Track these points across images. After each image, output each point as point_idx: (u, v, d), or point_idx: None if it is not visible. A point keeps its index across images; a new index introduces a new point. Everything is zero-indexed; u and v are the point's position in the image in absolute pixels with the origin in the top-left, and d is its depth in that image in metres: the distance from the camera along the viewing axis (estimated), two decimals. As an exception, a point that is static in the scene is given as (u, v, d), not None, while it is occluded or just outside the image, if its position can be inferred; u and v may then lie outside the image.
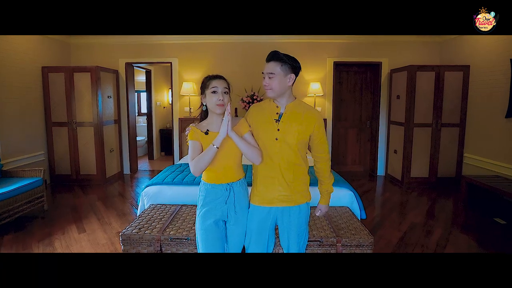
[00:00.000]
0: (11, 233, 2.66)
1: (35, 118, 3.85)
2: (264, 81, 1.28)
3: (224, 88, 1.28)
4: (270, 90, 1.27)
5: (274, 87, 1.26)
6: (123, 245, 1.78)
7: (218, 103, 1.26)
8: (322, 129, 1.36)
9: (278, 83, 1.26)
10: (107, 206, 3.35)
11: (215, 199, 1.31)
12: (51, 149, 4.04)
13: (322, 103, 4.45)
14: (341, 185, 2.33)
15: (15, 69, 3.52)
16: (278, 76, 1.26)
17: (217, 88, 1.26)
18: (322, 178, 1.42)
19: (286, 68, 1.27)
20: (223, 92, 1.27)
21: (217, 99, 1.26)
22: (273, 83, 1.25)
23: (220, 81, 1.29)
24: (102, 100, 4.01)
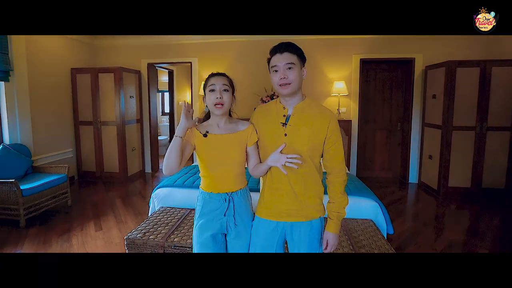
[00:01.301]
0: (36, 227, 2.79)
1: (64, 117, 4.06)
2: (280, 74, 1.07)
3: (223, 85, 1.13)
4: (288, 86, 1.07)
5: (294, 80, 1.07)
6: (127, 249, 1.73)
7: (216, 102, 1.12)
8: (337, 133, 1.15)
9: (297, 75, 1.09)
10: (125, 204, 3.40)
11: (213, 210, 1.17)
12: (78, 147, 4.23)
13: (347, 103, 4.15)
14: (364, 195, 2.08)
15: (47, 71, 3.72)
16: (297, 67, 1.09)
17: (215, 86, 1.13)
18: (332, 195, 1.19)
19: (301, 61, 1.11)
20: (222, 90, 1.13)
21: (215, 97, 1.12)
22: (292, 75, 1.07)
23: (219, 78, 1.15)
24: (124, 100, 4.11)
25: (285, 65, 1.08)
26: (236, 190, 1.19)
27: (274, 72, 1.11)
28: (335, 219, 1.17)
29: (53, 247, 2.40)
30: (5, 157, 2.95)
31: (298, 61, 1.10)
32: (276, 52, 1.11)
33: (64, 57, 4.00)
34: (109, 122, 4.10)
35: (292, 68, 1.08)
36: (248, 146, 1.20)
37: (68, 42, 4.08)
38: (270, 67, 1.13)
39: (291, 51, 1.09)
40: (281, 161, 1.05)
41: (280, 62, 1.08)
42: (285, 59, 1.08)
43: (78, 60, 4.23)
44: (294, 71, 1.08)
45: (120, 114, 4.06)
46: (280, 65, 1.08)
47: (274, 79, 1.11)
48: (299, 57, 1.11)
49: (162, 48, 4.45)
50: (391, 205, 3.39)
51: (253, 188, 2.08)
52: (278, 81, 1.09)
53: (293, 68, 1.08)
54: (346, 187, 2.15)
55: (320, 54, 4.10)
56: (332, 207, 1.18)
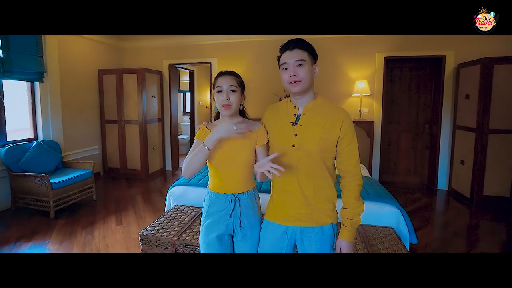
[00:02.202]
0: (64, 218, 2.96)
1: (92, 116, 4.29)
2: (289, 72, 1.03)
3: (231, 86, 1.10)
4: (298, 83, 1.03)
5: (304, 78, 1.03)
6: (142, 245, 1.77)
7: (223, 103, 1.10)
8: (351, 134, 1.08)
9: (308, 72, 1.04)
10: (145, 201, 3.51)
11: (219, 211, 1.15)
12: (104, 144, 4.45)
13: (370, 104, 3.96)
14: (385, 201, 1.95)
15: (76, 72, 3.96)
16: (308, 64, 1.04)
17: (221, 87, 1.10)
18: (346, 200, 1.11)
19: (312, 58, 1.06)
20: (229, 90, 1.10)
21: (222, 98, 1.09)
22: (302, 72, 1.02)
23: (226, 77, 1.12)
24: (146, 100, 4.26)
25: (295, 62, 1.03)
26: (243, 191, 1.17)
27: (284, 69, 1.06)
28: (349, 226, 1.10)
29: (77, 239, 2.53)
30: (38, 153, 3.17)
31: (309, 58, 1.05)
32: (286, 49, 1.06)
33: (92, 59, 4.23)
34: (132, 121, 4.27)
35: (302, 65, 1.03)
36: (257, 147, 1.16)
37: (96, 44, 4.30)
38: (280, 65, 1.09)
39: (302, 48, 1.04)
40: (265, 167, 0.99)
41: (290, 59, 1.04)
42: (295, 56, 1.03)
43: (104, 61, 4.46)
44: (305, 68, 1.03)
45: (142, 113, 4.21)
46: (290, 62, 1.04)
47: (284, 77, 1.07)
48: (310, 54, 1.06)
49: (182, 49, 4.55)
50: (416, 212, 3.17)
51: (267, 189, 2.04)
52: (288, 78, 1.05)
53: (303, 65, 1.03)
54: (365, 191, 2.07)
55: (341, 53, 3.96)
56: (346, 213, 1.11)
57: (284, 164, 1.10)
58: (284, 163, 1.09)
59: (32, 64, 3.25)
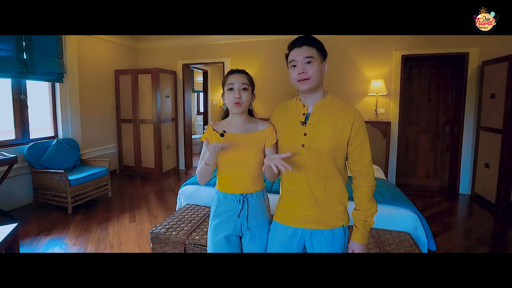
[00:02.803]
0: (81, 214, 3.06)
1: (108, 115, 4.42)
2: (298, 69, 1.00)
3: (243, 84, 1.09)
4: (306, 81, 1.00)
5: (313, 75, 1.00)
6: (152, 243, 1.78)
7: (234, 101, 1.08)
8: (363, 134, 1.03)
9: (317, 69, 1.01)
10: (158, 199, 3.56)
11: (227, 211, 1.14)
12: (120, 142, 4.57)
13: (386, 104, 3.82)
14: (401, 204, 1.86)
15: (94, 72, 4.09)
16: (317, 61, 1.01)
17: (233, 85, 1.09)
18: (358, 201, 1.07)
19: (321, 54, 1.03)
20: (241, 88, 1.09)
21: (233, 96, 1.08)
22: (311, 69, 0.99)
23: (238, 75, 1.11)
24: (160, 99, 4.33)
25: (303, 59, 1.00)
26: (252, 192, 1.14)
27: (292, 67, 1.04)
28: (361, 228, 1.05)
29: (92, 235, 2.60)
30: (58, 150, 3.29)
31: (318, 55, 1.02)
32: (294, 46, 1.03)
33: (109, 59, 4.35)
34: (147, 120, 4.35)
35: (311, 63, 1.00)
36: (266, 147, 1.14)
37: (113, 46, 4.43)
38: (288, 62, 1.06)
39: (310, 45, 1.01)
40: (274, 161, 0.97)
41: (298, 57, 1.01)
42: (304, 53, 1.00)
43: (121, 62, 4.58)
44: (314, 65, 1.00)
45: (157, 113, 4.28)
46: (298, 59, 1.01)
47: (292, 74, 1.04)
48: (319, 50, 1.03)
49: (196, 49, 4.59)
50: (436, 217, 3.02)
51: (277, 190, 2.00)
52: (296, 76, 1.02)
53: (312, 62, 1.00)
54: (380, 195, 1.98)
55: (356, 51, 3.84)
56: (358, 215, 1.06)
57: (293, 164, 1.07)
58: (293, 163, 1.06)
59: (53, 65, 3.38)
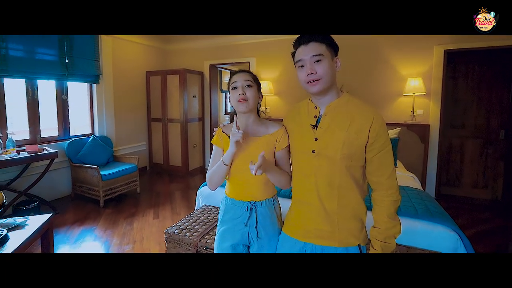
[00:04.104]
0: (111, 207, 3.24)
1: (140, 114, 4.65)
2: (306, 70, 0.89)
3: (246, 81, 1.03)
4: (317, 82, 0.89)
5: (324, 75, 0.88)
6: (167, 243, 1.79)
7: (238, 98, 1.02)
8: (384, 139, 0.89)
9: (329, 67, 0.89)
10: (182, 197, 3.64)
11: (234, 219, 1.07)
12: (150, 141, 4.79)
13: (425, 104, 3.44)
14: (438, 220, 1.62)
15: (127, 74, 4.32)
16: (327, 59, 0.89)
17: (237, 83, 1.04)
18: (378, 218, 0.93)
19: (331, 50, 0.91)
20: (245, 85, 1.03)
21: (237, 94, 1.02)
22: (321, 69, 0.88)
23: (240, 74, 1.05)
24: (188, 99, 4.44)
25: (311, 58, 0.89)
26: (261, 199, 1.07)
27: (300, 68, 0.93)
28: (379, 250, 0.91)
29: (118, 228, 2.72)
30: (94, 147, 3.53)
31: (328, 51, 0.90)
32: (300, 44, 0.92)
33: (141, 61, 4.57)
34: (174, 120, 4.49)
35: (321, 61, 0.88)
36: (276, 151, 1.05)
37: (144, 48, 4.64)
38: (295, 63, 0.95)
39: (318, 40, 0.89)
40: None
41: (305, 55, 0.89)
42: (312, 51, 0.89)
43: (152, 63, 4.78)
44: (324, 64, 0.88)
45: (184, 112, 4.39)
46: (306, 58, 0.90)
47: (300, 76, 0.93)
48: (329, 46, 0.90)
49: (222, 49, 4.62)
50: (484, 236, 2.61)
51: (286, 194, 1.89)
52: (305, 77, 0.91)
53: (322, 61, 0.88)
54: (412, 207, 1.76)
55: (391, 47, 3.52)
56: (376, 234, 0.92)
57: (303, 171, 0.97)
58: (304, 171, 0.96)
59: (90, 67, 3.64)
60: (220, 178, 1.05)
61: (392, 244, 0.91)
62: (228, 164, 1.02)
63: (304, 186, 0.97)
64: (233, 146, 0.98)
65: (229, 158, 1.01)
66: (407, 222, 1.62)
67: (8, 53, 2.82)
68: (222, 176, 1.05)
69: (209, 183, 1.08)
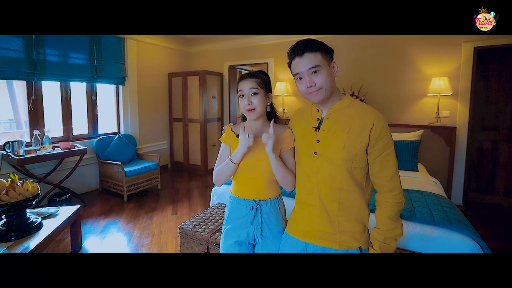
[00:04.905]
0: (133, 202, 3.43)
1: (162, 114, 4.86)
2: (306, 82, 0.90)
3: (251, 89, 1.04)
4: (317, 92, 0.90)
5: (324, 85, 0.89)
6: (180, 238, 1.88)
7: (246, 108, 1.06)
8: (385, 141, 0.89)
9: (328, 77, 0.89)
10: (200, 194, 3.76)
11: (239, 217, 1.11)
12: (171, 140, 4.98)
13: (451, 106, 3.24)
14: (456, 228, 1.54)
15: (150, 75, 4.54)
16: (325, 67, 0.89)
17: (243, 91, 1.06)
18: (379, 219, 0.93)
19: (327, 56, 0.90)
20: (250, 94, 1.05)
21: (245, 104, 1.06)
22: (320, 79, 0.88)
23: (246, 81, 1.06)
24: (207, 100, 4.56)
25: (308, 70, 0.89)
26: (266, 198, 1.10)
27: (299, 79, 0.93)
28: (378, 249, 0.91)
29: (139, 222, 2.88)
30: (119, 144, 3.76)
31: (324, 59, 0.89)
32: (294, 56, 0.92)
33: (163, 63, 4.78)
34: (194, 120, 4.64)
35: (318, 72, 0.89)
36: (282, 152, 1.08)
37: (167, 50, 4.84)
38: (293, 74, 0.96)
39: (313, 50, 0.89)
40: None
41: (302, 68, 0.90)
42: (308, 63, 0.89)
43: (174, 65, 4.97)
44: (322, 74, 0.89)
45: (203, 113, 4.52)
46: (303, 71, 0.90)
47: (300, 88, 0.94)
48: (325, 53, 0.90)
49: (241, 51, 4.69)
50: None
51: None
52: (305, 89, 0.91)
53: (319, 71, 0.89)
54: (429, 213, 1.69)
55: (414, 46, 3.36)
56: (376, 234, 0.92)
57: (305, 173, 0.98)
58: (306, 172, 0.98)
59: (117, 70, 3.88)
60: (227, 175, 1.09)
61: (392, 246, 0.90)
62: (236, 163, 1.05)
63: (307, 187, 0.98)
64: (245, 148, 1.02)
65: (238, 158, 1.04)
66: (422, 228, 1.56)
67: (46, 58, 3.09)
68: (229, 173, 1.08)
69: (216, 179, 1.12)
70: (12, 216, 1.78)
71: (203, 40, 4.97)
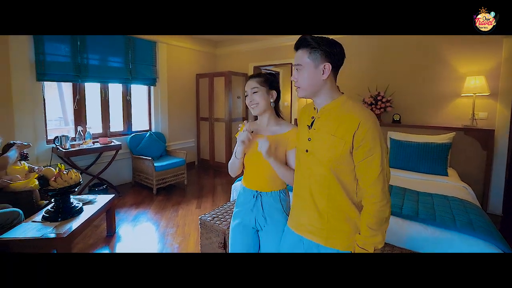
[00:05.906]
0: (162, 195, 3.68)
1: (190, 113, 5.10)
2: (292, 76, 1.00)
3: (252, 88, 1.18)
4: (299, 88, 0.98)
5: (302, 83, 0.95)
6: (200, 228, 2.00)
7: (248, 105, 1.20)
8: (371, 145, 0.86)
9: (307, 77, 0.93)
10: (223, 191, 3.91)
11: (244, 204, 1.24)
12: (198, 138, 5.22)
13: (489, 107, 2.99)
14: (480, 235, 1.45)
15: (179, 77, 4.79)
16: (306, 67, 0.93)
17: (246, 91, 1.22)
18: (360, 223, 0.92)
19: (316, 57, 0.91)
20: (252, 93, 1.19)
21: (248, 101, 1.21)
22: (300, 77, 0.95)
23: (249, 82, 1.22)
24: (232, 100, 4.70)
25: (295, 66, 0.97)
26: (268, 190, 1.20)
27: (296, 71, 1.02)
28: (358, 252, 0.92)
29: (166, 214, 3.09)
30: (150, 141, 4.04)
31: (311, 59, 0.92)
32: (294, 48, 0.99)
33: (192, 65, 5.01)
34: (220, 119, 4.81)
35: (299, 70, 0.95)
36: (287, 149, 1.17)
37: (195, 53, 5.07)
38: None
39: (303, 47, 0.94)
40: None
41: (294, 61, 0.97)
42: (296, 59, 0.97)
43: (201, 66, 5.19)
44: (302, 73, 0.95)
45: (228, 112, 4.67)
46: (294, 64, 0.98)
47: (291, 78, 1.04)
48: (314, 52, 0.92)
49: (266, 51, 4.76)
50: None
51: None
52: None
53: (300, 70, 0.95)
54: (451, 218, 1.63)
55: (447, 43, 3.15)
56: (357, 239, 0.93)
57: (300, 168, 1.05)
58: (300, 168, 1.04)
59: (149, 72, 4.18)
60: (235, 168, 1.23)
61: (370, 249, 0.89)
62: (238, 158, 1.19)
63: (300, 182, 1.04)
64: (239, 143, 1.14)
65: (239, 153, 1.18)
66: (442, 233, 1.50)
67: (88, 62, 3.45)
68: (237, 166, 1.22)
69: (229, 170, 1.27)
70: (59, 200, 2.05)
71: (229, 41, 5.13)
